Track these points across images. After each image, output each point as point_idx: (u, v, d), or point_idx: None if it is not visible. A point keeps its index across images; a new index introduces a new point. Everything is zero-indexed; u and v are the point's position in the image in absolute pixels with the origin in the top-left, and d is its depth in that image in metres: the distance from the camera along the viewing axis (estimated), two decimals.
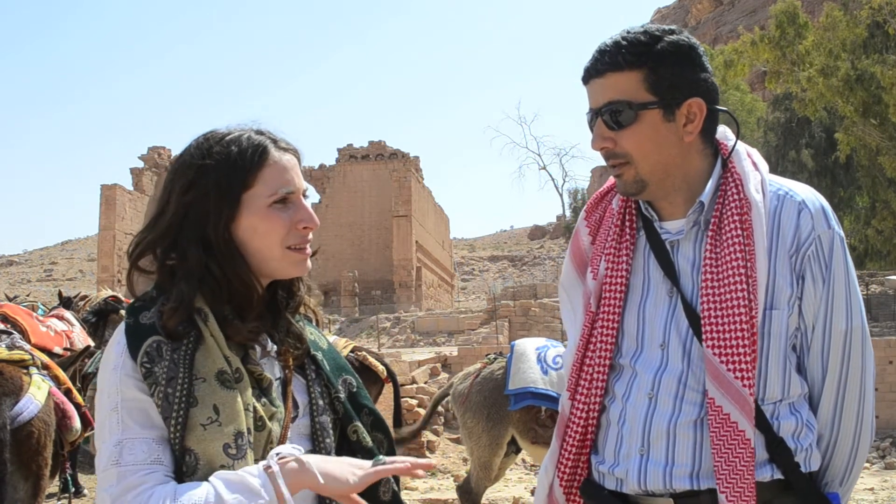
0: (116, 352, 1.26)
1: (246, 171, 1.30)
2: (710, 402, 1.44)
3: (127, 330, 1.27)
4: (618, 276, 1.59)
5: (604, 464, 1.57)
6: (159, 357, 1.23)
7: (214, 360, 1.25)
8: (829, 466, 1.55)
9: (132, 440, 1.20)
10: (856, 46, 23.34)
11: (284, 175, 1.33)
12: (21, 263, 69.73)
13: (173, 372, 1.22)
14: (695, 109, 1.50)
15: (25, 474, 3.28)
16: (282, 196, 1.32)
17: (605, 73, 1.50)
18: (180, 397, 1.21)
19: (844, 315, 1.50)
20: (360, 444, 1.41)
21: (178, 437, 1.20)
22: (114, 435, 1.21)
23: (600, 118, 1.52)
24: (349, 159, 46.13)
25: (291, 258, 1.34)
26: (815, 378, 1.53)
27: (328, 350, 1.48)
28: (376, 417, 1.47)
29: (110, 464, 1.20)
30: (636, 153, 1.51)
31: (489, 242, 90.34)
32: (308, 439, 1.37)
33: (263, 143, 1.33)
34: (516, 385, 5.00)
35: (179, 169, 1.32)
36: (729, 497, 1.40)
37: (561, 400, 1.68)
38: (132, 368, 1.23)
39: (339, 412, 1.42)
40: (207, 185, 1.29)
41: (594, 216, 1.71)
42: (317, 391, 1.40)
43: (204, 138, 1.34)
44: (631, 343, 1.57)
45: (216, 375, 1.24)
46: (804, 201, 1.51)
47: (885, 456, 11.08)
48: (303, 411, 1.38)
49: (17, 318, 5.16)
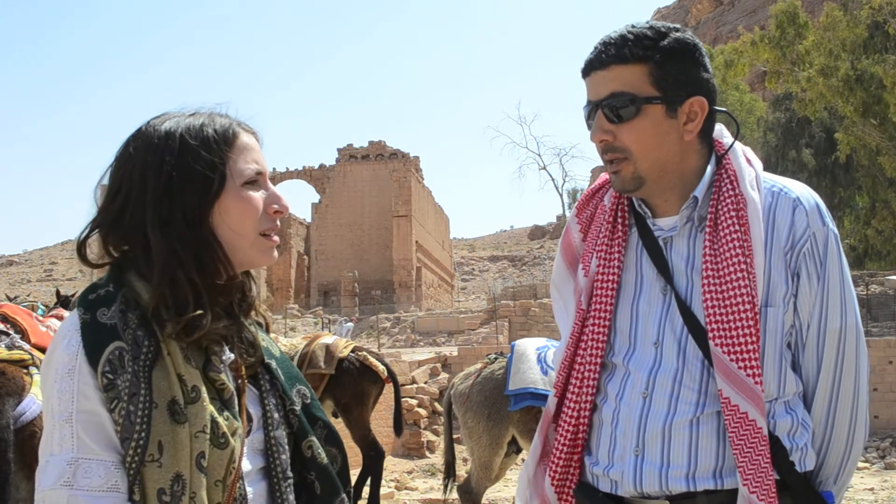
0: (68, 352, 1.12)
1: (223, 151, 1.23)
2: (726, 401, 1.42)
3: (84, 329, 1.13)
4: (610, 274, 1.57)
5: (598, 465, 1.56)
6: (122, 368, 1.11)
7: (170, 385, 1.14)
8: (823, 465, 1.54)
9: (88, 461, 1.09)
10: (856, 46, 23.35)
11: (252, 155, 1.27)
12: (21, 263, 69.75)
13: (135, 388, 1.10)
14: (696, 108, 1.49)
15: (28, 474, 3.27)
16: (252, 176, 1.25)
17: (609, 65, 1.48)
18: (142, 417, 1.10)
19: (839, 313, 1.50)
20: (314, 460, 1.33)
21: (135, 463, 1.10)
22: (65, 451, 1.09)
23: (601, 110, 1.49)
24: (349, 159, 46.14)
25: (262, 245, 1.26)
26: (810, 376, 1.53)
27: (281, 358, 1.38)
28: (330, 431, 1.38)
29: (60, 484, 1.08)
30: (636, 148, 1.49)
31: (489, 242, 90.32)
32: (262, 455, 1.28)
33: (232, 124, 1.27)
34: (516, 385, 5.00)
35: (148, 147, 1.21)
36: (759, 496, 1.39)
37: (548, 398, 1.66)
38: (90, 375, 1.11)
39: (294, 426, 1.33)
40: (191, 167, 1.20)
41: (585, 213, 1.70)
42: (272, 403, 1.30)
43: (167, 117, 1.25)
44: (624, 341, 1.56)
45: (168, 405, 1.12)
46: (799, 198, 1.51)
47: (885, 456, 11.08)
48: (256, 425, 1.28)
49: (17, 318, 5.15)
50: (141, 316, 1.16)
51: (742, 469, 1.41)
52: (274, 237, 1.29)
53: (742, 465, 1.41)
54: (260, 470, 1.27)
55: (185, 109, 1.28)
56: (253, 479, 1.25)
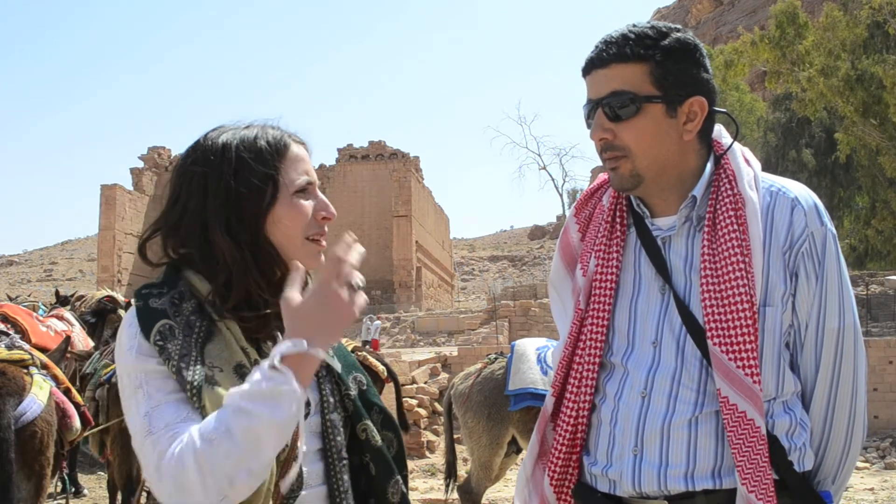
0: (129, 334, 1.25)
1: (276, 162, 1.32)
2: (725, 400, 1.42)
3: (138, 313, 1.26)
4: (608, 273, 1.58)
5: (596, 465, 1.56)
6: (172, 337, 1.22)
7: (232, 353, 1.25)
8: (821, 465, 1.54)
9: (158, 406, 1.18)
10: (856, 46, 23.36)
11: (303, 165, 1.36)
12: (21, 263, 69.74)
13: (186, 350, 1.21)
14: (696, 108, 1.50)
15: (28, 474, 3.28)
16: (303, 186, 1.33)
17: (610, 63, 1.48)
18: (193, 372, 1.19)
19: (837, 313, 1.50)
20: (369, 442, 1.40)
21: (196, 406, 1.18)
22: (140, 408, 1.19)
23: (601, 108, 1.49)
24: (349, 159, 46.13)
25: (310, 249, 1.34)
26: (808, 376, 1.53)
27: (338, 348, 1.46)
28: (386, 416, 1.46)
29: (143, 435, 1.17)
30: (635, 146, 1.49)
31: (489, 242, 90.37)
32: (318, 437, 1.36)
33: (283, 136, 1.36)
34: (516, 385, 5.00)
35: (206, 159, 1.30)
36: (758, 495, 1.39)
37: (546, 398, 1.67)
38: (147, 348, 1.22)
39: (349, 410, 1.41)
40: (246, 177, 1.28)
41: (584, 212, 1.70)
42: (327, 388, 1.39)
43: (224, 130, 1.34)
44: (622, 341, 1.56)
45: (234, 368, 1.23)
46: (797, 198, 1.51)
47: (885, 456, 11.07)
48: (314, 409, 1.36)
49: (17, 318, 5.17)
50: (197, 305, 1.28)
51: (741, 468, 1.41)
52: (322, 242, 1.36)
53: (741, 464, 1.41)
54: (317, 451, 1.35)
55: (238, 123, 1.37)
56: (310, 460, 1.32)
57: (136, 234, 40.63)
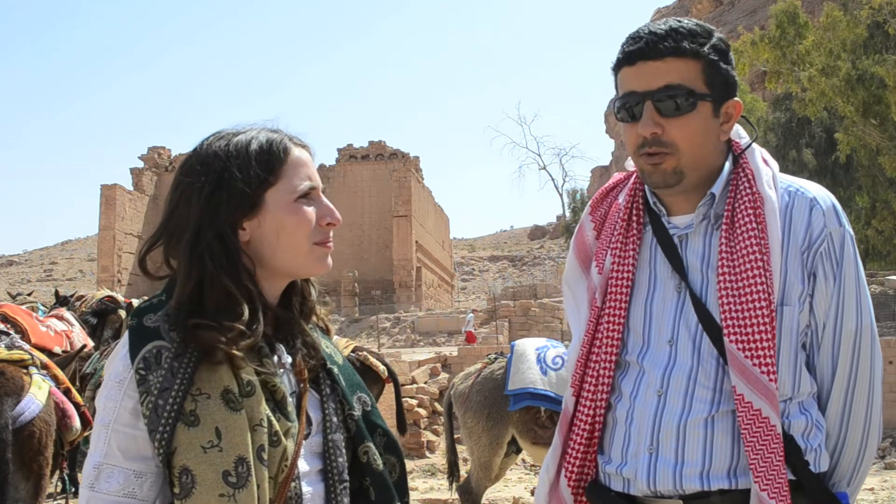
0: (124, 363, 1.21)
1: (269, 168, 1.27)
2: (740, 397, 1.41)
3: (130, 333, 1.22)
4: (624, 271, 1.57)
5: (610, 464, 1.55)
6: (157, 365, 1.18)
7: (221, 376, 1.20)
8: (837, 466, 1.53)
9: (111, 467, 1.17)
10: (856, 46, 23.34)
11: (305, 170, 1.32)
12: (21, 263, 69.76)
13: (168, 383, 1.17)
14: (732, 109, 1.51)
15: (27, 474, 3.27)
16: (305, 191, 1.30)
17: (665, 56, 1.44)
18: (170, 411, 1.15)
19: (855, 314, 1.49)
20: (370, 465, 1.36)
21: (162, 452, 1.15)
22: (96, 454, 1.18)
23: (652, 102, 1.45)
24: (349, 159, 46.12)
25: (317, 253, 1.31)
26: (825, 376, 1.51)
27: (343, 366, 1.43)
28: (390, 439, 1.41)
29: (86, 485, 1.18)
30: (684, 143, 1.46)
31: (489, 242, 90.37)
32: (319, 458, 1.32)
33: (283, 140, 1.31)
34: (516, 385, 5.00)
35: (193, 168, 1.26)
36: (770, 494, 1.38)
37: (565, 397, 1.64)
38: (130, 381, 1.19)
39: (352, 431, 1.36)
40: (229, 184, 1.24)
41: (599, 211, 1.69)
42: (331, 407, 1.35)
43: (218, 137, 1.30)
44: (637, 339, 1.55)
45: (221, 394, 1.19)
46: (815, 198, 1.51)
47: (885, 456, 11.06)
48: (316, 428, 1.32)
49: (17, 318, 5.15)
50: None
51: (754, 467, 1.39)
52: (328, 244, 1.34)
53: (754, 462, 1.40)
54: (318, 472, 1.31)
55: (239, 126, 1.32)
56: (311, 480, 1.29)
57: (136, 234, 40.68)
